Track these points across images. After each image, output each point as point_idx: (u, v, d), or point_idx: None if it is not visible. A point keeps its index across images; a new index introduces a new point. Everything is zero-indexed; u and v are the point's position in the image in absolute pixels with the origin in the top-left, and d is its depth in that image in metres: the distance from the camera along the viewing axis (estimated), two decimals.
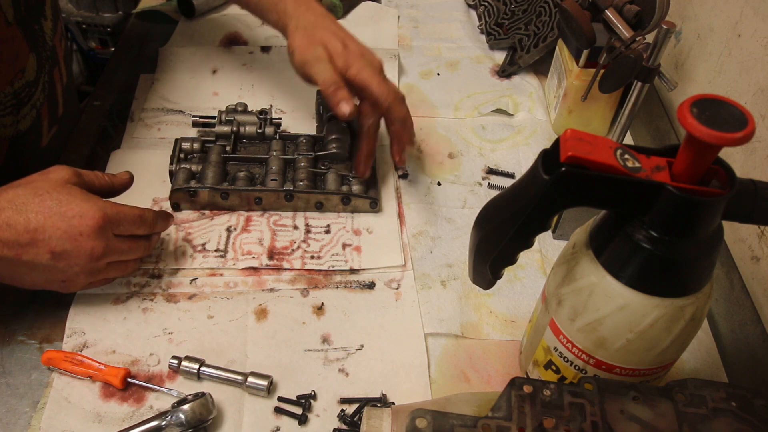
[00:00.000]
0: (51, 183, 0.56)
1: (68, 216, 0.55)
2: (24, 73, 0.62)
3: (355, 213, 0.75)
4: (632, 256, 0.43)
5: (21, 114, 0.63)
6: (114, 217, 0.57)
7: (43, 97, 0.66)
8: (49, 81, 0.67)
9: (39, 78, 0.64)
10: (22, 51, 0.62)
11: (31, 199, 0.54)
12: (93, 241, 0.56)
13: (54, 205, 0.54)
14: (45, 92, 0.66)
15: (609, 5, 0.70)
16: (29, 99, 0.63)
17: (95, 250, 0.56)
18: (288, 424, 0.57)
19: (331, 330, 0.64)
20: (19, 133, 0.63)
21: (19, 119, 0.63)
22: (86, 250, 0.56)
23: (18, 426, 0.56)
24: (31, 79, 0.63)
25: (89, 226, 0.55)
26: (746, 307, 0.67)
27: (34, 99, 0.64)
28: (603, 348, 0.48)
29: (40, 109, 0.65)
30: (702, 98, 0.38)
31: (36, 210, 0.54)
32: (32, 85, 0.63)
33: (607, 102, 0.83)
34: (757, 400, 0.43)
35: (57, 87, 0.69)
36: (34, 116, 0.65)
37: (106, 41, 1.53)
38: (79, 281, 0.59)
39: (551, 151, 0.42)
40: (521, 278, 0.70)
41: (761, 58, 0.72)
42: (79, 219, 0.55)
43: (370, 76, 0.67)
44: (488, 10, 1.05)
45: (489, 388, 0.61)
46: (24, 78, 0.62)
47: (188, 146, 0.76)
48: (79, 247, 0.56)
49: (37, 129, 0.66)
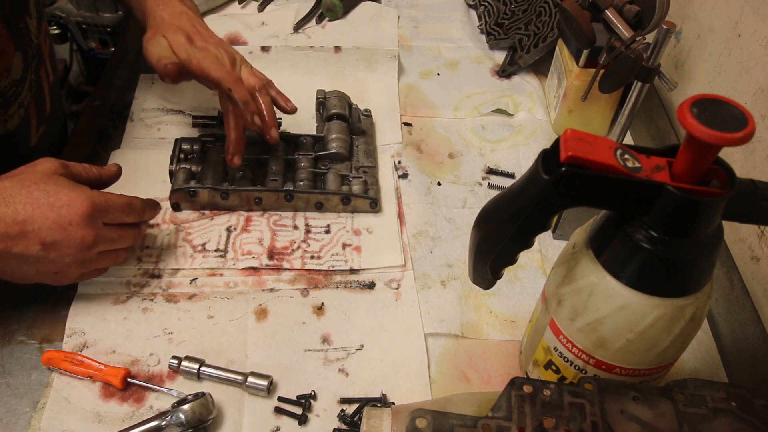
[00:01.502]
0: (37, 174, 0.56)
1: (57, 206, 0.54)
2: (10, 72, 0.63)
3: (355, 213, 0.75)
4: (632, 256, 0.43)
5: (8, 113, 0.63)
6: (102, 204, 0.57)
7: (30, 96, 0.66)
8: (36, 80, 0.67)
9: (26, 76, 0.65)
10: (7, 49, 0.62)
11: (18, 191, 0.54)
12: (83, 230, 0.56)
13: (42, 195, 0.54)
14: (32, 91, 0.66)
15: (609, 5, 0.70)
16: (16, 98, 0.64)
17: (85, 238, 0.56)
18: (288, 424, 0.57)
19: (331, 330, 0.64)
20: (7, 133, 0.64)
21: (7, 118, 0.63)
22: (76, 239, 0.56)
23: (18, 426, 0.56)
24: (17, 77, 0.64)
25: (78, 214, 0.55)
26: (746, 307, 0.67)
27: (21, 98, 0.64)
28: (603, 348, 0.48)
29: (28, 108, 0.66)
30: (702, 98, 0.38)
31: (24, 201, 0.54)
32: (19, 84, 0.64)
33: (607, 102, 0.83)
34: (757, 400, 0.43)
35: (44, 85, 0.69)
36: (21, 115, 0.65)
37: (106, 41, 1.53)
38: (71, 272, 0.59)
39: (551, 151, 0.42)
40: (521, 278, 0.70)
41: (761, 58, 0.72)
42: (68, 208, 0.55)
43: (208, 64, 0.68)
44: (488, 10, 1.05)
45: (489, 388, 0.61)
46: (10, 77, 0.63)
47: (188, 146, 0.76)
48: (69, 236, 0.55)
49: (26, 128, 0.66)
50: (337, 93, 0.81)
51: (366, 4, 1.06)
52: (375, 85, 0.92)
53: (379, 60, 0.94)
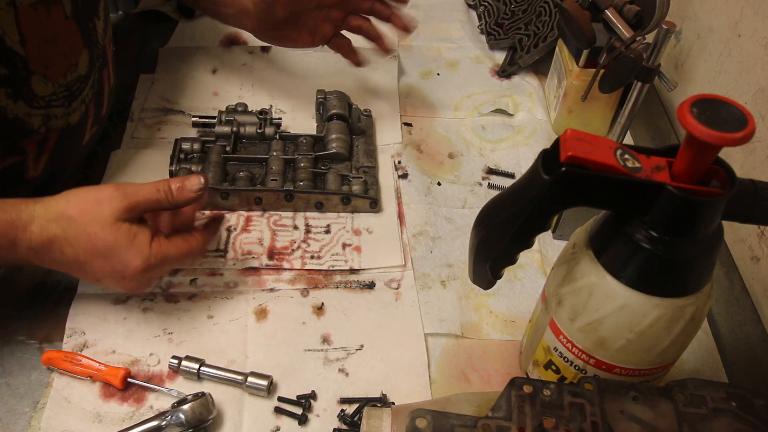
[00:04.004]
0: (100, 223, 0.55)
1: (112, 262, 0.56)
2: (77, 67, 0.64)
3: (355, 213, 0.75)
4: (632, 256, 0.43)
5: (72, 107, 0.65)
6: (157, 262, 0.57)
7: (92, 95, 0.68)
8: (99, 80, 0.69)
9: (90, 74, 0.67)
10: (76, 45, 0.64)
11: (81, 235, 0.55)
12: (135, 283, 0.59)
13: (101, 248, 0.56)
14: (94, 90, 0.68)
15: (609, 5, 0.70)
16: (80, 93, 0.65)
17: (140, 285, 0.60)
18: (288, 424, 0.57)
19: (331, 330, 0.64)
20: (68, 126, 0.65)
21: (70, 112, 0.65)
22: (131, 287, 0.60)
23: (18, 426, 0.56)
24: (83, 74, 0.65)
25: (130, 274, 0.57)
26: (746, 307, 0.67)
27: (84, 94, 0.66)
28: (603, 348, 0.48)
29: (89, 105, 0.68)
30: (702, 98, 0.38)
31: (84, 248, 0.55)
32: (83, 81, 0.65)
33: (607, 102, 0.83)
34: (757, 400, 0.43)
35: (105, 87, 0.71)
36: (82, 111, 0.67)
37: None
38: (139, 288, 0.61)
39: (551, 151, 0.42)
40: (521, 278, 0.70)
41: (761, 58, 0.72)
42: (122, 266, 0.56)
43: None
44: (488, 10, 1.05)
45: (489, 388, 0.61)
46: (77, 72, 0.64)
47: (188, 146, 0.76)
48: (124, 285, 0.59)
49: (83, 125, 0.68)
50: (337, 93, 0.81)
51: None
52: (375, 85, 0.92)
53: (379, 60, 0.94)
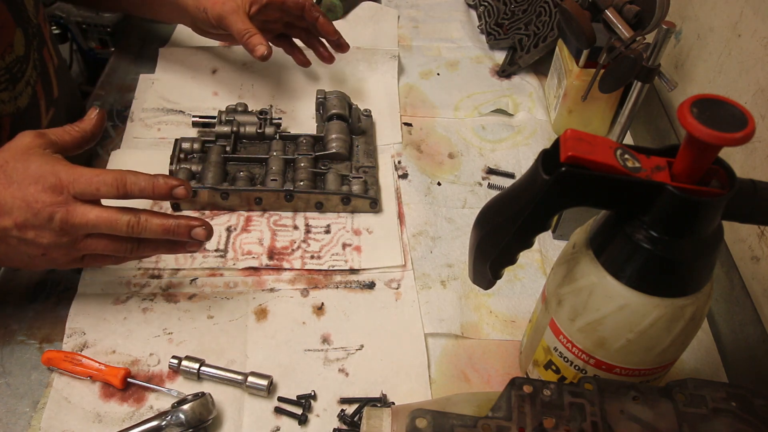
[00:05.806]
0: (11, 152, 0.54)
1: (24, 184, 0.53)
2: (13, 48, 0.63)
3: (355, 213, 0.75)
4: (632, 256, 0.43)
5: (17, 90, 0.64)
6: (69, 177, 0.54)
7: (36, 75, 0.67)
8: (40, 59, 0.68)
9: (28, 54, 0.66)
10: (8, 24, 0.63)
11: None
12: (49, 207, 0.53)
13: (13, 174, 0.53)
14: (37, 70, 0.67)
15: (609, 5, 0.70)
16: (22, 75, 0.64)
17: (54, 214, 0.54)
18: (288, 424, 0.57)
19: (331, 330, 0.64)
20: (18, 110, 0.64)
21: (17, 95, 0.64)
22: (44, 216, 0.53)
23: (18, 426, 0.56)
24: (20, 54, 0.64)
25: (42, 190, 0.53)
26: (746, 307, 0.67)
27: (27, 75, 0.65)
28: (603, 348, 0.48)
29: (35, 86, 0.67)
30: (702, 98, 0.38)
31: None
32: (23, 61, 0.65)
33: (607, 102, 0.83)
34: (757, 400, 0.43)
35: (48, 66, 0.70)
36: (30, 94, 0.66)
37: (106, 41, 1.53)
38: (58, 256, 0.56)
39: (551, 151, 0.42)
40: (521, 278, 0.70)
41: (761, 58, 0.72)
42: (34, 186, 0.53)
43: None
44: (488, 10, 1.05)
45: (489, 388, 0.61)
46: (14, 53, 0.63)
47: (188, 146, 0.76)
48: (37, 214, 0.53)
49: (36, 108, 0.67)
50: (337, 93, 0.81)
51: (366, 4, 1.06)
52: (375, 85, 0.92)
53: (379, 60, 0.94)
